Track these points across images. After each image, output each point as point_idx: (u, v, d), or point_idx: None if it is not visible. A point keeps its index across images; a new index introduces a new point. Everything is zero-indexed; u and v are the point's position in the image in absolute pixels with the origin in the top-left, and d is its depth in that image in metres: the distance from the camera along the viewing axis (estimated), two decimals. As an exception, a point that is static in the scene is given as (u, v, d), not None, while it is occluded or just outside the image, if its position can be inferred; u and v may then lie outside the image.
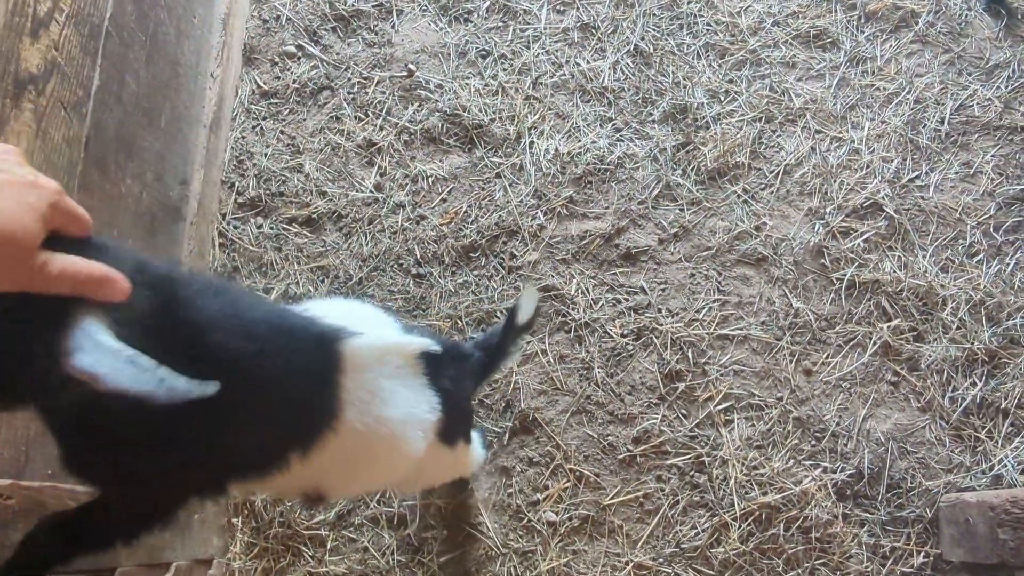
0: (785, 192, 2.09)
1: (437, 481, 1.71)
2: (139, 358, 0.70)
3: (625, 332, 1.95)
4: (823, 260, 2.01)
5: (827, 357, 1.94)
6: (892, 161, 2.10)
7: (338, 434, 1.05)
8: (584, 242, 2.03)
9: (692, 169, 2.10)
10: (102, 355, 0.68)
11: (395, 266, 2.00)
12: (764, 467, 1.85)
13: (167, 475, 0.94)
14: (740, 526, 1.81)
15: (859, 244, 2.02)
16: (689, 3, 2.27)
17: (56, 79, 1.42)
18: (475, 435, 1.61)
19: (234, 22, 2.11)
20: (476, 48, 2.20)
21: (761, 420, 1.90)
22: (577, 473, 1.86)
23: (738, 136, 2.12)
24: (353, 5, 2.22)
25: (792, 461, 1.86)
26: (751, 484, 1.84)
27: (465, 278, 2.00)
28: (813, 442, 1.88)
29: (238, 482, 1.06)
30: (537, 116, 2.14)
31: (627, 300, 1.98)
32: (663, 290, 2.00)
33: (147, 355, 0.70)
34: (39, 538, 0.96)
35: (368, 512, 1.83)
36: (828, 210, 2.05)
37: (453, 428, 1.31)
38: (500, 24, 2.24)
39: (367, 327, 1.14)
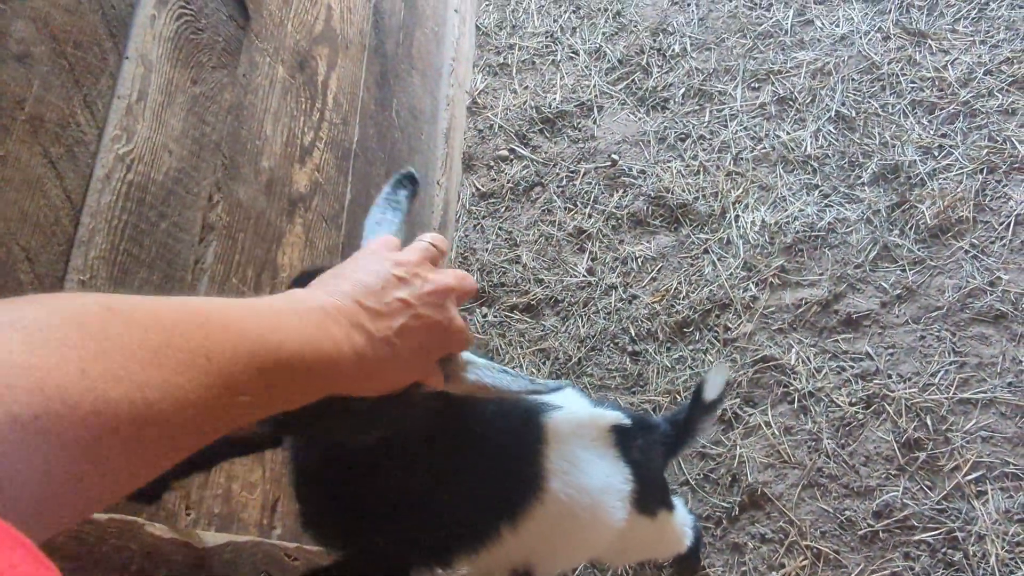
0: (1019, 244, 1.96)
1: (648, 554, 1.71)
2: (505, 369, 0.82)
3: (853, 400, 1.89)
4: (1075, 313, 1.86)
5: (1093, 419, 1.76)
6: None
7: (544, 503, 1.10)
8: (800, 310, 2.01)
9: (910, 228, 2.03)
10: (482, 370, 0.80)
11: (611, 345, 2.08)
12: (1030, 542, 1.69)
13: (397, 539, 1.01)
14: (1008, 608, 1.65)
15: (1117, 293, 1.84)
16: (890, 64, 2.25)
17: (319, 196, 1.66)
18: (678, 502, 1.61)
19: (454, 135, 2.35)
20: (675, 132, 2.30)
21: (1020, 491, 1.74)
22: (815, 550, 1.79)
23: (958, 190, 2.03)
24: (557, 107, 2.41)
25: (1063, 536, 1.68)
26: (1016, 562, 1.68)
27: (681, 353, 2.03)
28: (1087, 514, 1.69)
29: (459, 553, 1.12)
30: (740, 190, 2.18)
31: (852, 367, 1.92)
32: (891, 355, 1.92)
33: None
34: None
35: (601, 588, 1.87)
36: (1074, 259, 1.90)
37: (649, 498, 1.33)
38: (696, 108, 2.33)
39: (564, 401, 1.21)
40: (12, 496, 0.39)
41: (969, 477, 1.77)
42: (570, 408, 1.20)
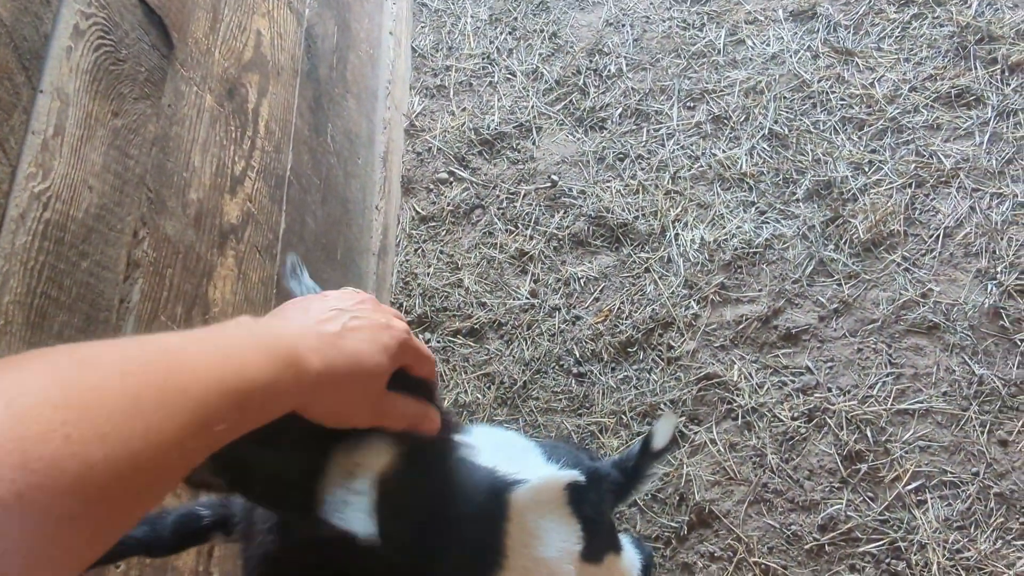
0: (948, 255, 2.02)
1: None
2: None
3: (796, 415, 1.91)
4: (1002, 322, 1.91)
5: (1023, 425, 1.81)
6: (1064, 211, 2.00)
7: None
8: (741, 326, 2.03)
9: (844, 243, 2.07)
10: (357, 513, 0.75)
11: (556, 367, 2.07)
12: (969, 550, 1.72)
13: None
14: (951, 615, 1.68)
15: (1041, 302, 1.91)
16: (820, 82, 2.30)
17: (251, 227, 1.61)
18: (626, 540, 1.61)
19: (392, 158, 2.32)
20: (613, 152, 2.31)
21: (958, 498, 1.78)
22: (763, 566, 1.80)
23: (889, 204, 2.08)
24: (496, 129, 2.40)
25: (1000, 542, 1.72)
26: (957, 570, 1.72)
27: (626, 373, 2.03)
28: (1022, 519, 1.74)
29: None
30: (679, 209, 2.19)
31: (793, 382, 1.95)
32: (831, 368, 1.95)
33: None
34: None
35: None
36: (999, 269, 1.96)
37: (596, 547, 1.33)
38: (634, 127, 2.35)
39: (519, 461, 1.20)
40: None
41: (909, 487, 1.80)
42: (532, 478, 1.18)
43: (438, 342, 2.14)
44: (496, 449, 1.24)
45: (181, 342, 0.56)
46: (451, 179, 2.36)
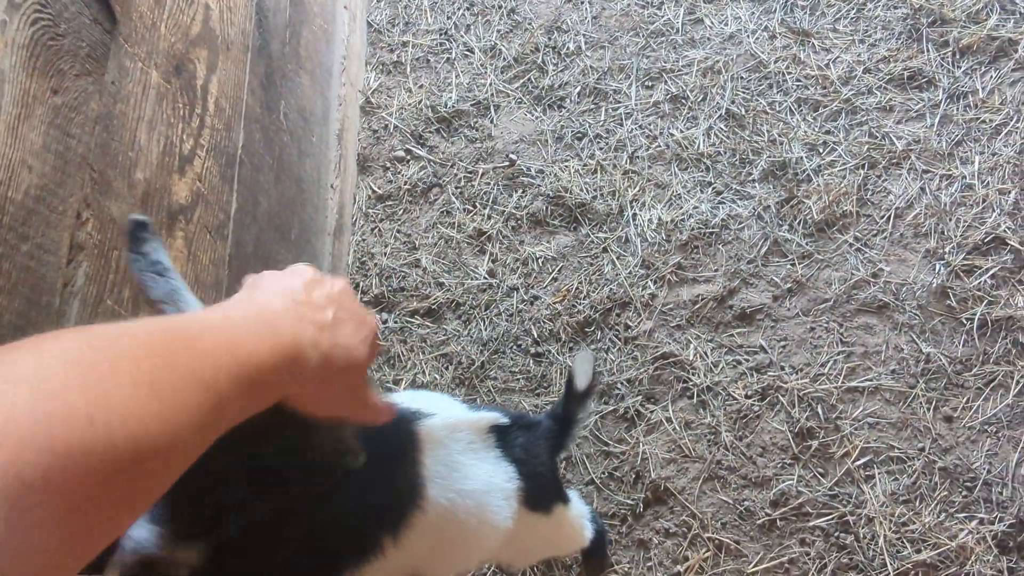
0: (899, 236, 2.06)
1: (550, 551, 1.71)
2: None
3: (749, 393, 1.94)
4: (949, 301, 1.96)
5: (967, 401, 1.87)
6: (1010, 192, 2.04)
7: (424, 511, 1.09)
8: (697, 306, 2.05)
9: (799, 223, 2.10)
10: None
11: (514, 347, 2.07)
12: (914, 523, 1.78)
13: (279, 569, 0.98)
14: (896, 586, 1.73)
15: (985, 281, 1.95)
16: (776, 63, 2.31)
17: (201, 207, 1.58)
18: (573, 494, 1.62)
19: (347, 136, 2.28)
20: (572, 131, 2.30)
21: (904, 473, 1.83)
22: (716, 542, 1.84)
23: (842, 185, 2.11)
24: (454, 106, 2.37)
25: (944, 515, 1.78)
26: (902, 542, 1.77)
27: (583, 353, 2.04)
28: (964, 492, 1.79)
29: (344, 573, 1.09)
30: (637, 188, 2.20)
31: (748, 360, 1.98)
32: (784, 347, 1.98)
33: None
34: None
35: (511, 592, 1.86)
36: (947, 249, 2.00)
37: (540, 495, 1.33)
38: (592, 106, 2.34)
39: (437, 408, 1.20)
40: (25, 559, 0.40)
41: (858, 463, 1.85)
42: (443, 413, 1.18)
43: (395, 322, 2.13)
44: (416, 399, 1.25)
45: (187, 327, 0.58)
46: (408, 157, 2.33)
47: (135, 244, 0.78)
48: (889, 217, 2.08)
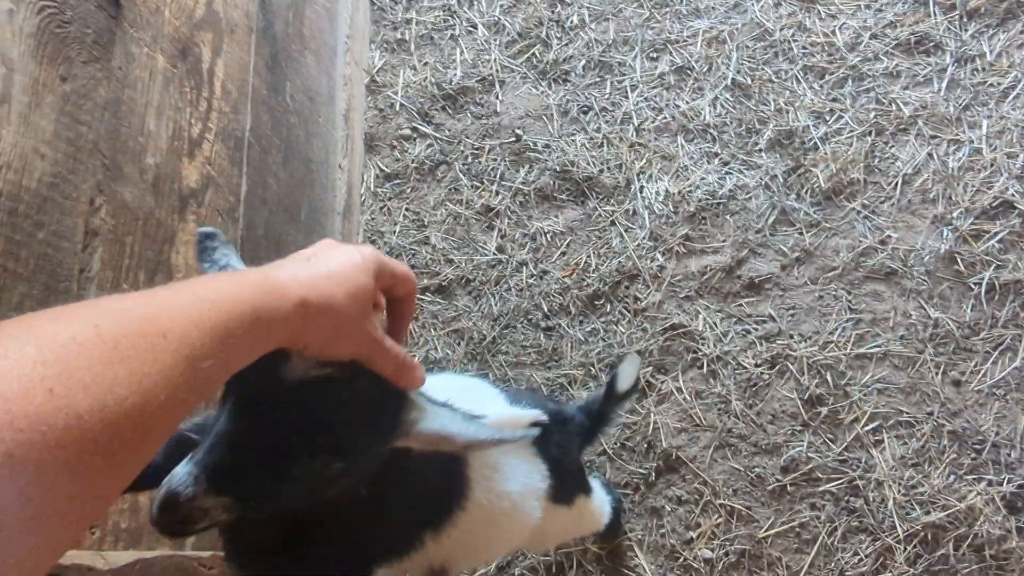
0: (907, 202, 2.06)
1: (567, 537, 1.76)
2: (465, 414, 0.78)
3: (759, 362, 1.95)
4: (957, 266, 1.96)
5: (976, 365, 1.87)
6: (1018, 156, 2.03)
7: (466, 511, 1.12)
8: (705, 277, 2.06)
9: (806, 192, 2.10)
10: (443, 417, 0.77)
11: (525, 322, 2.09)
12: (923, 485, 1.79)
13: (320, 560, 1.01)
14: (905, 549, 1.75)
15: (993, 245, 1.95)
16: (782, 30, 2.30)
17: (212, 190, 1.60)
18: (596, 483, 1.65)
19: (354, 115, 2.29)
20: (577, 105, 2.30)
21: (913, 437, 1.85)
22: (728, 508, 1.86)
23: (849, 152, 2.11)
24: (459, 83, 2.37)
25: (953, 477, 1.80)
26: (911, 504, 1.79)
27: (593, 326, 2.06)
28: (973, 455, 1.81)
29: (382, 564, 1.12)
30: (644, 161, 2.20)
31: (757, 330, 1.99)
32: (792, 315, 1.99)
33: None
34: None
35: (527, 562, 1.89)
36: (955, 215, 2.00)
37: (565, 488, 1.36)
38: (597, 79, 2.34)
39: (482, 405, 1.22)
40: (4, 537, 0.40)
41: (867, 428, 1.86)
42: (492, 414, 1.20)
43: (406, 300, 2.15)
44: (458, 393, 1.26)
45: (151, 292, 0.56)
46: (415, 135, 2.34)
47: (204, 255, 0.79)
48: (897, 184, 2.07)
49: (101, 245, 1.20)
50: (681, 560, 1.84)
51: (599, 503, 1.63)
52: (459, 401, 1.22)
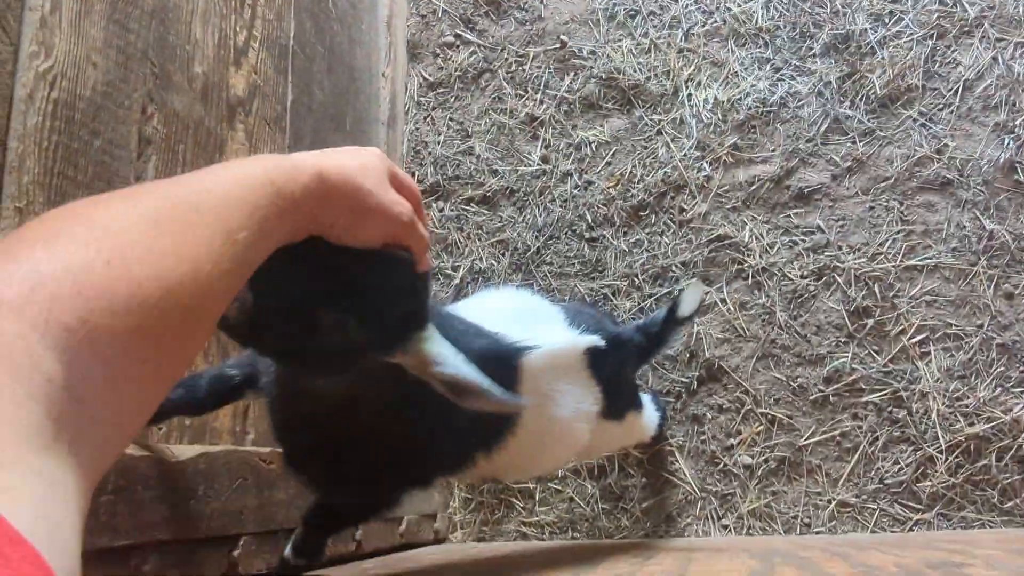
0: (967, 110, 1.98)
1: (615, 448, 1.82)
2: (468, 362, 0.82)
3: (805, 273, 1.94)
4: (1017, 176, 1.90)
5: (1030, 278, 1.84)
6: (1090, 59, 1.93)
7: (517, 436, 1.17)
8: (753, 187, 2.02)
9: (861, 99, 2.03)
10: (448, 349, 0.81)
11: (569, 233, 2.09)
12: (968, 398, 1.79)
13: (385, 478, 1.08)
14: (947, 459, 1.77)
15: (1058, 154, 1.88)
16: (841, -74, 2.18)
17: (259, 99, 1.60)
18: (646, 398, 1.68)
19: (396, 22, 2.26)
20: (624, 9, 2.23)
21: (961, 350, 1.83)
22: (769, 416, 1.89)
23: (908, 57, 2.02)
24: (502, -13, 2.31)
25: (999, 389, 1.79)
26: (955, 416, 1.79)
27: (637, 237, 2.05)
28: (1022, 368, 1.79)
29: (437, 479, 1.23)
30: (692, 68, 2.14)
31: (804, 241, 1.96)
32: (842, 227, 1.96)
33: None
34: (311, 518, 1.16)
35: (570, 465, 1.95)
36: (1018, 122, 1.92)
37: (618, 406, 1.39)
38: (645, -19, 2.25)
39: (539, 332, 1.23)
40: (93, 406, 0.43)
41: (914, 340, 1.85)
42: (546, 343, 1.21)
43: (451, 210, 2.16)
44: (515, 315, 1.28)
45: (175, 178, 0.59)
46: (458, 43, 2.30)
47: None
48: (957, 90, 1.99)
49: (155, 153, 1.22)
50: (721, 466, 1.88)
51: (648, 418, 1.67)
52: (516, 322, 1.24)
